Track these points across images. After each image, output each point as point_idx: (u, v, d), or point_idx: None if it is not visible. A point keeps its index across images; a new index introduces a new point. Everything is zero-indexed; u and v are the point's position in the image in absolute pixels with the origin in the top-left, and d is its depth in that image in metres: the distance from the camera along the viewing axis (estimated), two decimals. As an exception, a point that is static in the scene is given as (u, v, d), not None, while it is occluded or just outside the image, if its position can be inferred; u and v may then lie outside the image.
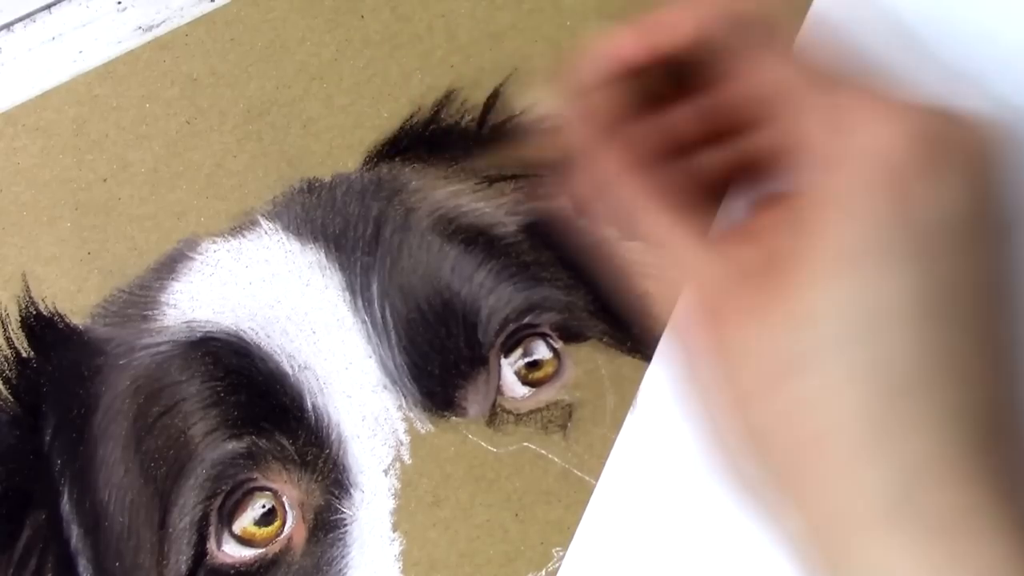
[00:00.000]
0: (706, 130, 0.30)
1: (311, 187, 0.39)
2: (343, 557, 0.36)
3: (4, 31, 0.41)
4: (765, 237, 0.27)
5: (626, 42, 0.30)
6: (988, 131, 0.27)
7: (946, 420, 0.25)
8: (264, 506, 0.36)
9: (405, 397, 0.37)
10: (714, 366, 0.27)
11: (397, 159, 0.39)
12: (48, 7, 0.41)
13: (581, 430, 0.37)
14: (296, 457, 0.36)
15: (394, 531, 0.36)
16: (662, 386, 0.36)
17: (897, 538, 0.24)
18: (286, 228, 0.39)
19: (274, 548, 0.36)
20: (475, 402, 0.37)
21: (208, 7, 0.41)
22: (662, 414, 0.36)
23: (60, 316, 0.38)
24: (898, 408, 0.25)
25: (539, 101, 0.30)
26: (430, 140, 0.40)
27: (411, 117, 0.40)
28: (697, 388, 0.28)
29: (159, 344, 0.37)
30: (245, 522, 0.36)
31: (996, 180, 0.27)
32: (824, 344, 0.25)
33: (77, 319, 0.38)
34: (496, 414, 0.37)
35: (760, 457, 0.26)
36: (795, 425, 0.25)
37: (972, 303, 0.26)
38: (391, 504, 0.36)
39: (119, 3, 0.41)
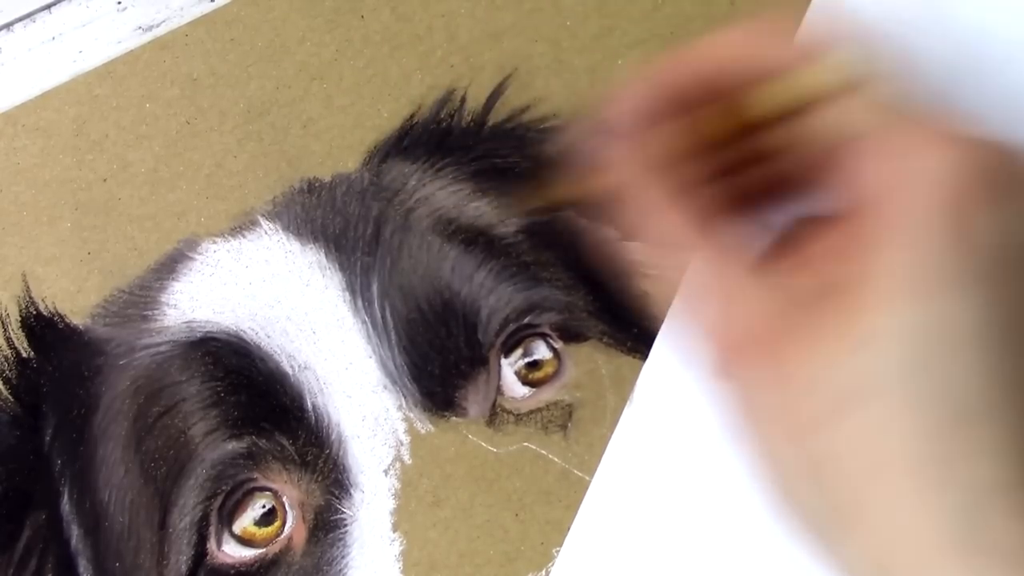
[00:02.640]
0: (753, 158, 0.30)
1: (311, 187, 0.39)
2: (343, 557, 0.36)
3: (4, 31, 0.41)
4: (818, 263, 0.27)
5: (671, 70, 0.29)
6: None
7: (1011, 447, 0.24)
8: (264, 506, 0.36)
9: (405, 397, 0.37)
10: (770, 397, 0.27)
11: (397, 159, 0.39)
12: (48, 7, 0.41)
13: (581, 430, 0.37)
14: (296, 457, 0.36)
15: (394, 531, 0.36)
16: (658, 383, 0.36)
17: (960, 566, 0.24)
18: (286, 228, 0.39)
19: (274, 548, 0.36)
20: (475, 402, 0.37)
21: (208, 7, 0.41)
22: (658, 410, 0.36)
23: (60, 316, 0.38)
24: (963, 435, 0.24)
25: (575, 138, 0.30)
26: (430, 140, 0.40)
27: (411, 117, 0.40)
28: (750, 420, 0.28)
29: (159, 344, 0.37)
30: (245, 522, 0.36)
31: None
32: (887, 370, 0.25)
33: (77, 319, 0.38)
34: (496, 414, 0.37)
35: (819, 488, 0.26)
36: (858, 453, 0.25)
37: None
38: (391, 504, 0.36)
39: (119, 3, 0.41)
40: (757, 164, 0.30)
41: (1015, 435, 0.25)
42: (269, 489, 0.36)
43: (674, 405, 0.36)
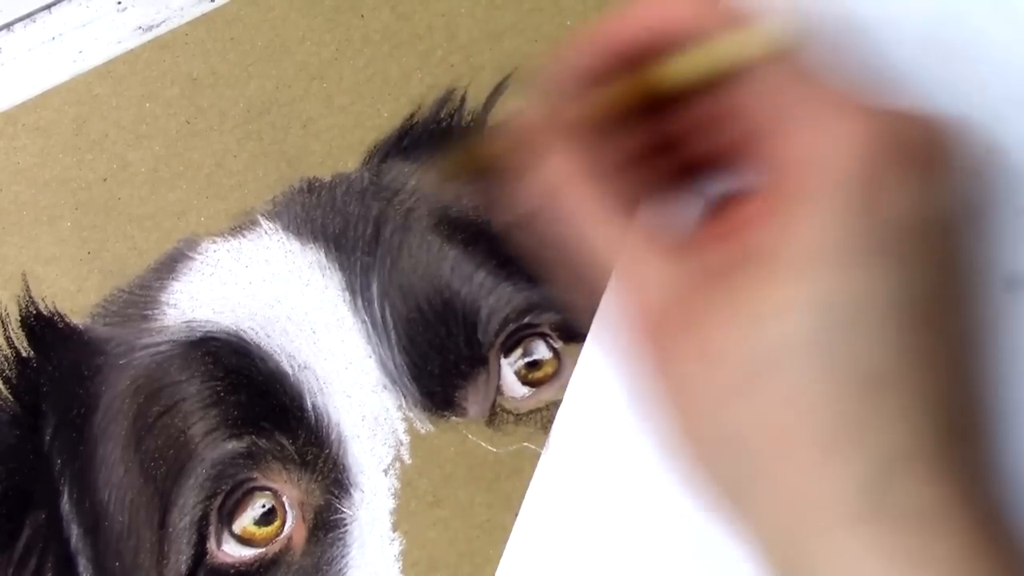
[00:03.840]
0: (675, 135, 0.30)
1: (311, 187, 0.39)
2: (343, 557, 0.36)
3: (4, 31, 0.41)
4: (735, 235, 0.27)
5: (593, 45, 0.29)
6: (953, 131, 0.27)
7: (917, 415, 0.25)
8: (264, 506, 0.36)
9: (405, 397, 0.37)
10: (684, 370, 0.27)
11: (397, 159, 0.39)
12: (48, 7, 0.41)
13: (581, 430, 0.37)
14: (296, 457, 0.36)
15: (394, 531, 0.36)
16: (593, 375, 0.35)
17: (865, 533, 0.24)
18: (286, 228, 0.39)
19: (274, 548, 0.36)
20: (475, 402, 0.37)
21: (208, 7, 0.41)
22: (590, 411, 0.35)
23: (60, 316, 0.38)
24: (870, 403, 0.25)
25: (519, 105, 0.30)
26: (430, 140, 0.40)
27: (411, 117, 0.40)
28: (664, 394, 0.28)
29: (159, 344, 0.37)
30: (245, 522, 0.36)
31: (960, 179, 0.28)
32: (796, 341, 0.25)
33: (77, 319, 0.38)
34: (496, 414, 0.37)
35: (730, 458, 0.26)
36: (767, 423, 0.25)
37: (940, 300, 0.26)
38: (391, 504, 0.36)
39: (119, 3, 0.41)
40: (681, 138, 0.30)
41: (919, 403, 0.25)
42: (269, 489, 0.36)
43: (605, 405, 0.35)
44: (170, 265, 0.39)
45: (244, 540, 0.36)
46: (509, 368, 0.37)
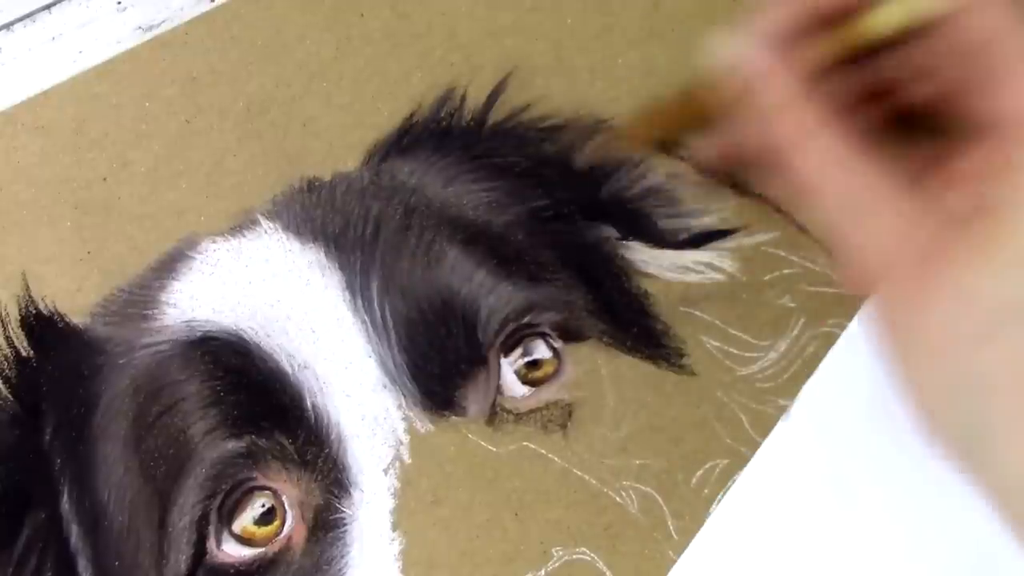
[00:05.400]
0: (882, 86, 0.29)
1: (311, 186, 0.39)
2: (343, 556, 0.36)
3: (4, 31, 0.41)
4: (969, 182, 0.27)
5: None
6: None
7: None
8: (264, 505, 0.36)
9: (405, 396, 0.37)
10: (922, 314, 0.26)
11: (397, 158, 0.39)
12: (48, 7, 0.41)
13: (581, 429, 0.37)
14: (296, 456, 0.36)
15: (394, 530, 0.36)
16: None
17: None
18: (286, 227, 0.39)
19: (274, 547, 0.36)
20: (475, 401, 0.37)
21: (208, 6, 0.41)
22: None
23: (60, 315, 0.38)
24: None
25: (717, 50, 0.29)
26: (430, 139, 0.40)
27: (411, 116, 0.40)
28: (899, 338, 0.27)
29: (159, 343, 0.37)
30: (245, 521, 0.36)
31: None
32: None
33: (77, 318, 0.38)
34: (496, 413, 0.37)
35: (971, 405, 0.26)
36: (1013, 369, 0.25)
37: None
38: (391, 503, 0.36)
39: (119, 3, 0.41)
40: (888, 89, 0.29)
41: None
42: (269, 488, 0.36)
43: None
44: (170, 265, 0.39)
45: (244, 540, 0.36)
46: (509, 367, 0.37)
